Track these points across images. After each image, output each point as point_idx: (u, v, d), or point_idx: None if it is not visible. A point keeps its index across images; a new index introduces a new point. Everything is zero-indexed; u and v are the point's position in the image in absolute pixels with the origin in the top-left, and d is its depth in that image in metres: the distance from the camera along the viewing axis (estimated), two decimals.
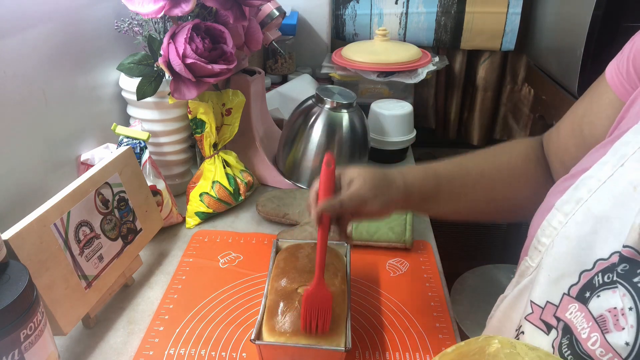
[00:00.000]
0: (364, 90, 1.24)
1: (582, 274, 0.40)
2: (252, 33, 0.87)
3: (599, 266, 0.39)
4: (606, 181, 0.41)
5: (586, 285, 0.39)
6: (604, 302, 0.37)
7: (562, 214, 0.43)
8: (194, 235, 0.83)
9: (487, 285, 1.39)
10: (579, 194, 0.42)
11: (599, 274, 0.38)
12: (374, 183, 0.56)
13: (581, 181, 0.43)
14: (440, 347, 0.62)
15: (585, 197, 0.41)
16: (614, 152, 0.41)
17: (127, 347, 0.62)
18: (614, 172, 0.40)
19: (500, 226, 1.72)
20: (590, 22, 0.98)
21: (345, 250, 0.70)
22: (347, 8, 1.37)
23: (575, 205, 0.42)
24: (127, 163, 0.71)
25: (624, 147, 0.41)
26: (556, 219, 0.43)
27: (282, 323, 0.56)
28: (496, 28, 1.33)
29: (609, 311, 0.36)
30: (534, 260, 0.46)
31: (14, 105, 0.67)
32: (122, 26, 0.80)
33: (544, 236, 0.45)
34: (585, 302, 0.39)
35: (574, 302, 0.40)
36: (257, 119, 0.97)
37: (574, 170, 0.46)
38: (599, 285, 0.38)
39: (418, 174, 0.59)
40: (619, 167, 0.40)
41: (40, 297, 0.53)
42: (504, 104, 1.52)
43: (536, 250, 0.46)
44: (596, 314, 0.37)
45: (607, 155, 0.42)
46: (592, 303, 0.38)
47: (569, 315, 0.40)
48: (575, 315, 0.39)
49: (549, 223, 0.44)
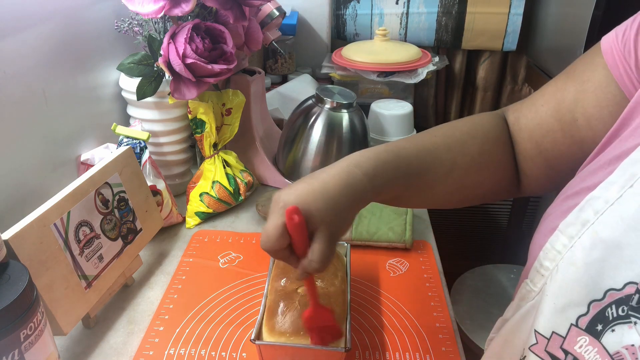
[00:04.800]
0: (364, 90, 1.24)
1: (592, 304, 0.37)
2: (252, 33, 0.87)
3: (610, 297, 0.36)
4: (614, 203, 0.38)
5: (597, 317, 0.37)
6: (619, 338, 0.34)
7: (567, 237, 0.40)
8: (194, 235, 0.83)
9: (487, 285, 1.39)
10: (585, 215, 0.39)
11: (613, 306, 0.36)
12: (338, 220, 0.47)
13: (587, 202, 0.40)
14: (440, 347, 0.62)
15: (591, 220, 0.39)
16: (622, 171, 0.38)
17: (127, 347, 0.62)
18: (622, 193, 0.37)
19: (501, 226, 1.73)
20: (590, 22, 0.98)
21: (345, 250, 0.70)
22: (347, 8, 1.37)
23: (581, 228, 0.39)
24: (127, 163, 0.71)
25: (632, 167, 0.38)
26: (560, 241, 0.41)
27: (282, 323, 0.56)
28: (498, 28, 1.33)
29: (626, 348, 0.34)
30: (536, 285, 0.43)
31: (14, 105, 0.67)
32: (122, 26, 0.80)
33: (547, 260, 0.42)
34: (598, 337, 0.36)
35: (584, 335, 0.37)
36: (257, 119, 0.97)
37: (578, 188, 0.43)
38: (613, 318, 0.35)
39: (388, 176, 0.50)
40: (628, 188, 0.37)
41: (40, 297, 0.53)
42: (504, 104, 1.51)
43: (538, 274, 0.43)
44: (612, 350, 0.35)
45: (614, 174, 0.39)
46: (605, 338, 0.35)
47: (579, 349, 0.37)
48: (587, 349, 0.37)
49: (552, 246, 0.41)
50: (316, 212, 0.46)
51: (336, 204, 0.46)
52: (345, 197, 0.47)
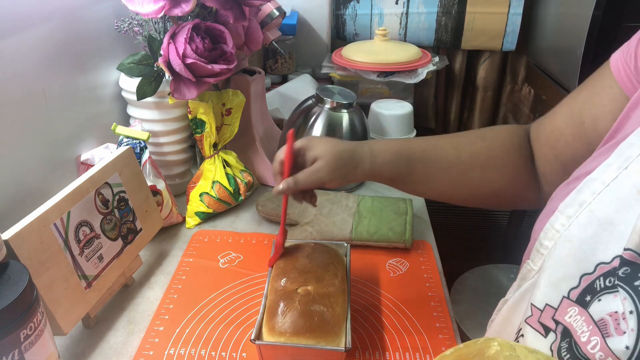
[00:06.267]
0: (364, 90, 1.24)
1: (583, 277, 0.39)
2: (252, 33, 0.87)
3: (600, 270, 0.38)
4: (610, 184, 0.40)
5: (587, 289, 0.39)
6: (605, 306, 0.37)
7: (565, 217, 0.42)
8: (194, 235, 0.83)
9: (487, 285, 1.39)
10: (583, 196, 0.41)
11: (600, 278, 0.38)
12: (336, 165, 0.57)
13: (585, 184, 0.42)
14: (440, 347, 0.62)
15: (588, 200, 0.41)
16: (619, 154, 0.41)
17: (127, 347, 0.62)
18: (618, 174, 0.40)
19: (501, 226, 1.73)
20: (590, 22, 0.98)
21: (345, 250, 0.70)
22: (347, 8, 1.37)
23: (579, 208, 0.41)
24: (127, 163, 0.71)
25: (628, 149, 0.40)
26: (559, 221, 0.43)
27: (282, 323, 0.56)
28: (497, 28, 1.33)
29: (609, 315, 0.36)
30: (536, 264, 0.45)
31: (14, 105, 0.67)
32: (122, 26, 0.80)
33: (547, 239, 0.44)
34: (586, 306, 0.38)
35: (574, 306, 0.39)
36: (257, 119, 0.97)
37: (577, 173, 0.46)
38: (600, 289, 0.37)
39: (389, 156, 0.59)
40: (623, 170, 0.39)
41: (40, 297, 0.53)
42: (504, 104, 1.52)
43: (538, 253, 0.45)
44: (597, 317, 0.37)
45: (611, 157, 0.41)
46: (592, 307, 0.38)
47: (568, 318, 0.40)
48: (575, 319, 0.39)
49: (551, 226, 0.44)
50: (317, 147, 0.58)
51: (336, 151, 0.58)
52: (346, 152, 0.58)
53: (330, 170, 0.57)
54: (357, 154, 0.59)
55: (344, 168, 0.58)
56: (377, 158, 0.59)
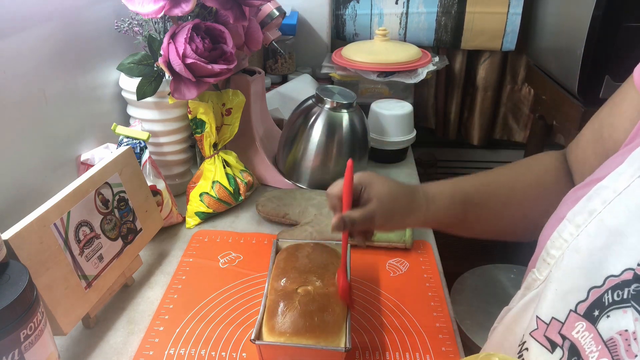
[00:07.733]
0: (364, 90, 1.24)
1: (591, 290, 0.37)
2: (252, 33, 0.87)
3: (609, 283, 0.36)
4: (622, 193, 0.38)
5: (595, 303, 0.37)
6: (614, 324, 0.35)
7: (574, 226, 0.40)
8: (194, 235, 0.83)
9: (487, 285, 1.39)
10: (593, 204, 0.40)
11: (609, 291, 0.36)
12: (391, 209, 0.56)
13: (595, 191, 0.40)
14: (440, 347, 0.62)
15: (599, 209, 0.39)
16: (631, 162, 0.38)
17: (127, 347, 0.62)
18: (630, 183, 0.38)
19: None
20: (590, 22, 0.98)
21: None
22: (347, 8, 1.37)
23: (588, 216, 0.39)
24: (127, 163, 0.71)
25: None
26: (567, 230, 0.41)
27: (282, 323, 0.56)
28: (497, 28, 1.33)
29: (619, 334, 0.34)
30: (541, 273, 0.44)
31: (14, 105, 0.67)
32: (122, 26, 0.80)
33: (554, 248, 0.42)
34: (594, 322, 0.37)
35: (582, 321, 0.38)
36: (257, 119, 0.97)
37: (588, 179, 0.44)
38: (609, 303, 0.36)
39: (444, 202, 0.57)
40: (637, 178, 0.37)
41: (40, 297, 0.53)
42: (504, 104, 1.52)
43: (545, 262, 0.43)
44: (606, 336, 0.35)
45: (623, 165, 0.39)
46: (601, 324, 0.36)
47: (576, 334, 0.38)
48: (583, 335, 0.37)
49: (559, 235, 0.42)
50: (375, 186, 0.57)
51: (393, 194, 0.57)
52: (403, 197, 0.57)
53: (383, 213, 0.56)
54: (412, 201, 0.57)
55: (396, 213, 0.56)
56: (432, 205, 0.57)
